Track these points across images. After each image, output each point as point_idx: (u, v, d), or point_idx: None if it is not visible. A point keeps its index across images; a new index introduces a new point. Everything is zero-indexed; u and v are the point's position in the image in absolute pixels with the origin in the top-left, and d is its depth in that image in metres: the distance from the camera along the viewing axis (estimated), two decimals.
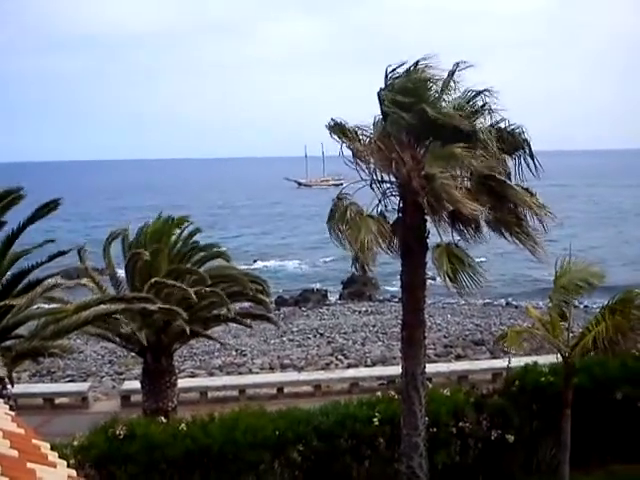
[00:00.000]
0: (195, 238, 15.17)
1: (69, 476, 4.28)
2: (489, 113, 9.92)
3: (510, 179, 10.12)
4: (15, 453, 3.99)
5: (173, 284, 13.05)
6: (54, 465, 4.31)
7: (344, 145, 9.91)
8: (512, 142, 9.99)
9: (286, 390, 19.11)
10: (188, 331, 13.14)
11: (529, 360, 13.63)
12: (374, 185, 10.19)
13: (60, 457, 4.56)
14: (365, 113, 10.43)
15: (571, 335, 11.10)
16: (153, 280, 13.00)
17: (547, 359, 12.80)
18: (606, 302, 10.98)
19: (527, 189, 10.00)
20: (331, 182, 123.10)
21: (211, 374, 23.60)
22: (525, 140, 10.00)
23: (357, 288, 39.69)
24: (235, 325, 18.86)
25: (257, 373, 23.48)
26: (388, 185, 10.25)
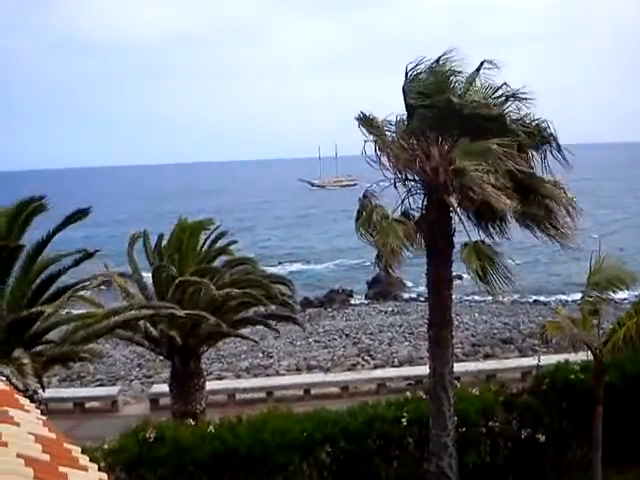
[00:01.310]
0: (223, 242, 15.27)
1: (100, 479, 4.30)
2: (516, 101, 9.83)
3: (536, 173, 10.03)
4: (47, 457, 4.02)
5: (197, 281, 13.12)
6: (85, 469, 4.33)
7: (371, 138, 9.87)
8: (538, 136, 9.89)
9: (313, 391, 19.12)
10: (224, 328, 13.25)
11: (560, 358, 13.46)
12: (398, 184, 10.15)
13: (91, 461, 4.58)
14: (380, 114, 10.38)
15: (601, 332, 10.96)
16: (177, 281, 13.09)
17: (578, 357, 12.63)
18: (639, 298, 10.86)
19: (556, 183, 9.89)
20: (344, 183, 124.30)
21: (238, 376, 23.71)
22: (551, 134, 9.89)
23: (382, 288, 39.55)
24: (261, 327, 18.91)
25: (284, 375, 23.52)
26: (412, 183, 10.21)
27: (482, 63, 9.92)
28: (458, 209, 10.01)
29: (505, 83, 9.86)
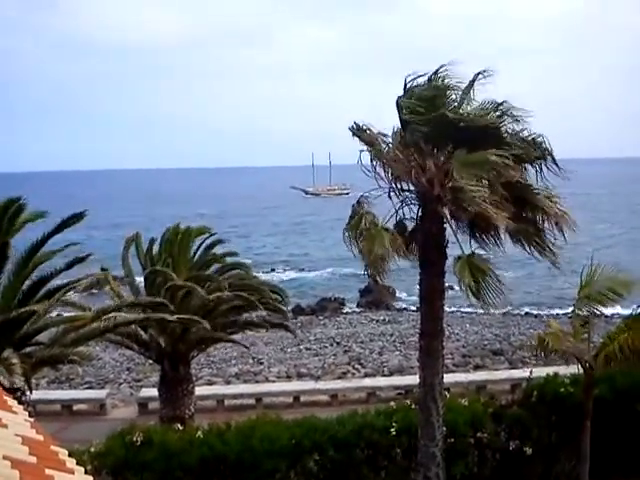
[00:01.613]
0: (218, 250, 15.30)
1: None
2: (512, 120, 9.86)
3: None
4: (34, 459, 4.01)
5: (190, 286, 13.11)
6: (72, 471, 4.32)
7: (365, 149, 9.89)
8: (534, 151, 9.92)
9: (303, 399, 19.08)
10: (214, 333, 13.25)
11: (550, 371, 13.48)
12: (392, 193, 10.17)
13: (78, 463, 4.57)
14: (376, 122, 10.39)
15: (592, 345, 10.99)
16: (167, 285, 13.08)
17: (568, 370, 12.66)
18: (629, 312, 10.90)
19: (551, 197, 9.92)
20: (337, 191, 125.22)
21: (228, 382, 23.65)
22: (547, 149, 9.92)
23: (375, 297, 39.58)
24: (252, 333, 18.96)
25: (274, 382, 23.47)
26: (407, 194, 10.23)
27: (477, 75, 9.96)
28: (452, 221, 10.02)
29: (504, 101, 9.87)
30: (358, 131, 10.03)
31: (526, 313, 37.49)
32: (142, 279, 14.74)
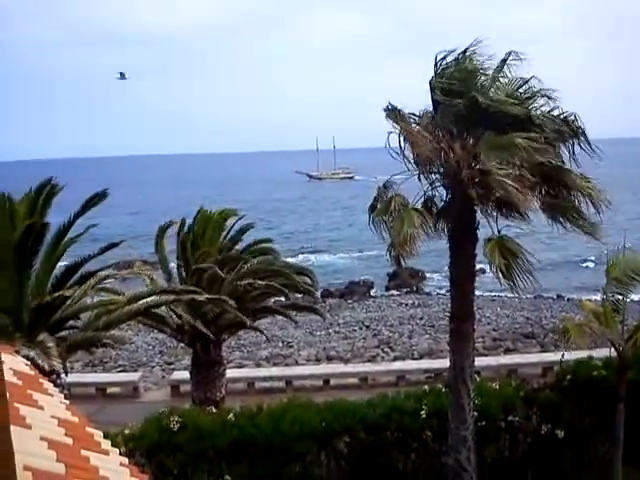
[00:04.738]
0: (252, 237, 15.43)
1: (121, 463, 4.35)
2: (543, 97, 9.72)
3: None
4: (69, 440, 4.08)
5: (222, 276, 13.22)
6: (107, 453, 4.39)
7: (397, 130, 9.79)
8: (566, 130, 9.76)
9: (332, 382, 19.17)
10: (248, 323, 13.46)
11: (583, 354, 13.32)
12: (422, 175, 10.09)
13: (112, 445, 4.64)
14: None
15: (625, 328, 10.82)
16: (194, 267, 13.17)
17: (601, 353, 12.49)
18: None
19: (583, 175, 9.78)
20: (342, 175, 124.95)
21: (258, 365, 23.86)
22: (579, 128, 9.75)
23: (403, 280, 39.43)
24: (281, 317, 19.00)
25: (303, 364, 23.61)
26: (436, 176, 10.14)
27: (508, 54, 9.84)
28: (481, 202, 9.91)
29: (533, 77, 9.75)
30: (392, 112, 9.93)
31: (558, 296, 36.93)
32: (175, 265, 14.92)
